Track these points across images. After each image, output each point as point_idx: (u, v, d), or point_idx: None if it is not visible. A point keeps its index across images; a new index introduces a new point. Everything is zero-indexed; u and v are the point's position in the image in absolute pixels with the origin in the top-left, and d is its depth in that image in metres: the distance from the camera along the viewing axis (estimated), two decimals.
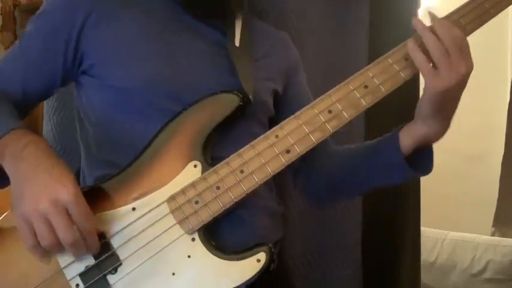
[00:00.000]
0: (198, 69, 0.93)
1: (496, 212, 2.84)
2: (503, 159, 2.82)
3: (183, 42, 0.95)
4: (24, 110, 0.95)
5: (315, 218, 1.47)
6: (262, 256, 0.81)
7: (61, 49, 0.92)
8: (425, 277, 1.96)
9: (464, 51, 0.80)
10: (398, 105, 1.18)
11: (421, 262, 1.76)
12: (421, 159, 0.89)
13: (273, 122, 0.96)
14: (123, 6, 0.94)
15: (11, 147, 0.80)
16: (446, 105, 0.83)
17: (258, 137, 0.85)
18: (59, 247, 0.75)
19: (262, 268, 0.80)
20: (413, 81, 1.56)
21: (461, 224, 2.90)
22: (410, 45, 0.82)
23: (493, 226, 2.85)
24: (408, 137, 0.87)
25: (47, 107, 1.40)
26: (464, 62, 0.80)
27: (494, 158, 2.88)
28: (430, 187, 2.09)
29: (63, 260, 0.81)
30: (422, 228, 1.76)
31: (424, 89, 0.82)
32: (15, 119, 0.86)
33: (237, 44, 0.97)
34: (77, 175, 1.03)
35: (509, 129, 2.80)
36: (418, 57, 0.81)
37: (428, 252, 2.77)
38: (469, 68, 0.80)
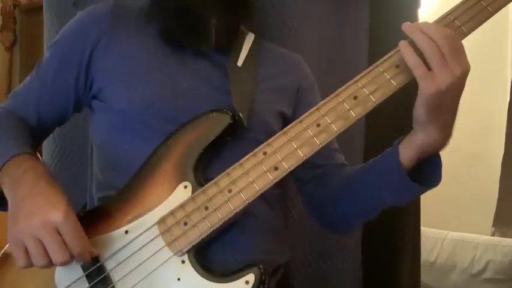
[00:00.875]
0: (197, 93, 0.93)
1: (496, 212, 2.84)
2: (503, 159, 2.82)
3: (186, 65, 0.95)
4: (40, 134, 0.99)
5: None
6: (250, 278, 0.80)
7: (72, 75, 0.95)
8: (425, 277, 1.96)
9: (458, 51, 0.76)
10: (400, 104, 1.18)
11: (421, 262, 1.76)
12: (428, 170, 0.84)
13: None
14: (130, 31, 0.96)
15: (10, 173, 0.84)
16: (443, 109, 0.77)
17: None
18: (49, 267, 0.78)
19: None
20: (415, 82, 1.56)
21: (461, 224, 2.90)
22: (403, 46, 0.78)
23: (493, 226, 2.85)
24: (409, 149, 0.82)
25: None
26: (458, 62, 0.75)
27: (494, 158, 2.88)
28: None
29: (60, 285, 0.83)
30: (422, 228, 1.76)
31: (419, 93, 0.77)
32: (19, 145, 0.88)
33: (239, 64, 0.97)
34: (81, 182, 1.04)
35: (509, 129, 2.80)
36: (411, 59, 0.76)
37: (428, 252, 2.77)
38: (465, 69, 0.76)
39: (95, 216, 0.86)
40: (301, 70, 1.09)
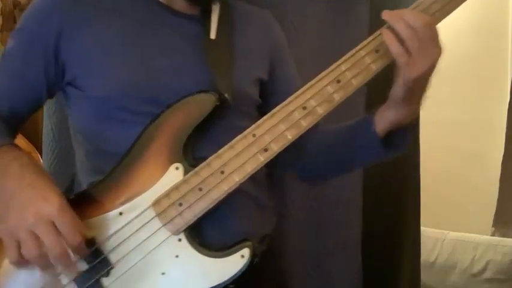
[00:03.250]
0: (174, 69, 0.93)
1: (496, 212, 2.84)
2: (503, 159, 2.82)
3: (159, 42, 0.95)
4: (15, 124, 0.97)
5: (314, 218, 1.47)
6: (246, 252, 0.84)
7: (40, 61, 0.93)
8: (425, 277, 1.96)
9: (435, 37, 0.83)
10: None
11: (421, 262, 1.76)
12: (396, 139, 0.93)
13: (264, 109, 0.96)
14: (97, 14, 0.94)
15: None
16: (419, 89, 0.86)
17: (245, 130, 0.86)
18: (44, 260, 0.77)
19: (246, 264, 0.83)
20: None
21: (461, 224, 2.90)
22: (387, 35, 0.83)
23: (493, 226, 2.85)
24: (382, 122, 0.91)
25: (46, 107, 1.40)
26: (436, 47, 0.82)
27: (494, 158, 2.88)
28: (430, 187, 2.09)
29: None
30: (422, 228, 1.76)
31: (399, 78, 0.84)
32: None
33: (212, 36, 0.97)
34: (73, 179, 1.03)
35: (509, 129, 2.80)
36: (396, 48, 0.82)
37: (428, 252, 2.77)
38: (440, 52, 0.83)
39: (86, 199, 0.86)
40: (269, 27, 1.10)
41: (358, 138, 0.96)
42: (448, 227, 2.89)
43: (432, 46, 0.82)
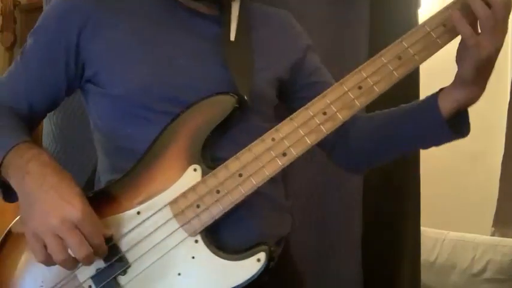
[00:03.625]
0: (193, 69, 0.93)
1: (496, 212, 2.83)
2: (503, 159, 2.82)
3: (178, 42, 0.95)
4: (33, 122, 0.98)
5: (315, 218, 1.47)
6: (262, 256, 0.83)
7: (61, 59, 0.93)
8: (425, 277, 1.96)
9: (508, 16, 0.82)
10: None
11: (421, 262, 1.76)
12: (458, 122, 0.90)
13: (289, 107, 0.97)
14: (117, 13, 0.94)
15: (14, 165, 0.83)
16: (487, 69, 0.85)
17: (262, 130, 0.86)
18: (69, 262, 0.78)
19: (262, 267, 0.83)
20: (415, 81, 1.56)
21: (461, 224, 2.90)
22: (457, 16, 0.82)
23: (493, 226, 2.84)
24: (448, 102, 0.88)
25: None
26: (505, 26, 0.82)
27: (494, 157, 2.88)
28: (430, 187, 2.08)
29: None
30: (422, 228, 1.76)
31: (467, 57, 0.83)
32: (17, 134, 0.87)
33: (232, 38, 0.97)
34: (92, 174, 1.04)
35: (509, 129, 2.80)
36: (465, 29, 0.81)
37: (428, 252, 2.76)
38: (507, 31, 0.82)
39: (104, 198, 0.87)
40: (291, 29, 1.10)
41: (421, 118, 0.93)
42: (448, 227, 2.89)
43: (503, 26, 0.81)
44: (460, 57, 0.85)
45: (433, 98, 0.90)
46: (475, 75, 0.84)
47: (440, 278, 2.76)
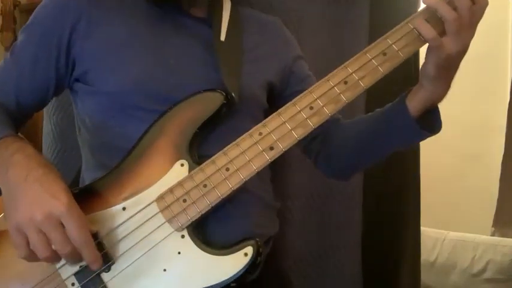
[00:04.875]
0: (185, 69, 0.93)
1: (496, 212, 2.83)
2: (503, 159, 2.82)
3: (171, 42, 0.95)
4: (20, 119, 0.97)
5: (314, 218, 1.47)
6: (249, 250, 0.83)
7: (52, 55, 0.93)
8: (425, 277, 1.96)
9: (476, 21, 0.83)
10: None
11: (421, 262, 1.76)
12: (429, 120, 0.92)
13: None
14: (111, 12, 0.95)
15: None
16: (450, 68, 0.86)
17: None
18: (52, 258, 0.77)
19: (249, 262, 0.83)
20: (415, 79, 1.56)
21: (461, 224, 2.90)
22: (419, 19, 0.84)
23: (493, 226, 2.84)
24: (414, 101, 0.90)
25: (46, 107, 1.40)
26: (472, 30, 0.83)
27: (494, 158, 2.88)
28: (430, 187, 2.09)
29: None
30: (422, 228, 1.75)
31: (430, 56, 0.85)
32: (2, 127, 0.87)
33: (222, 38, 0.98)
34: (78, 174, 1.03)
35: (509, 129, 2.80)
36: (427, 31, 0.83)
37: (428, 252, 2.76)
38: (473, 34, 0.84)
39: (90, 194, 0.86)
40: (280, 34, 1.11)
41: (392, 121, 0.95)
42: (448, 227, 2.89)
43: (469, 30, 0.83)
44: (426, 56, 0.87)
45: (402, 99, 0.92)
46: (436, 73, 0.85)
47: (440, 278, 2.76)
